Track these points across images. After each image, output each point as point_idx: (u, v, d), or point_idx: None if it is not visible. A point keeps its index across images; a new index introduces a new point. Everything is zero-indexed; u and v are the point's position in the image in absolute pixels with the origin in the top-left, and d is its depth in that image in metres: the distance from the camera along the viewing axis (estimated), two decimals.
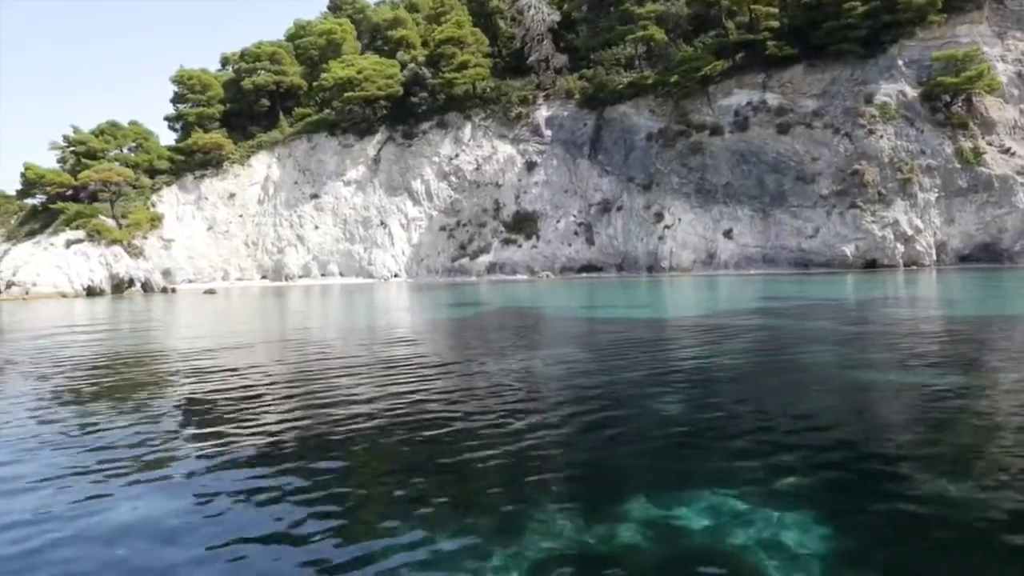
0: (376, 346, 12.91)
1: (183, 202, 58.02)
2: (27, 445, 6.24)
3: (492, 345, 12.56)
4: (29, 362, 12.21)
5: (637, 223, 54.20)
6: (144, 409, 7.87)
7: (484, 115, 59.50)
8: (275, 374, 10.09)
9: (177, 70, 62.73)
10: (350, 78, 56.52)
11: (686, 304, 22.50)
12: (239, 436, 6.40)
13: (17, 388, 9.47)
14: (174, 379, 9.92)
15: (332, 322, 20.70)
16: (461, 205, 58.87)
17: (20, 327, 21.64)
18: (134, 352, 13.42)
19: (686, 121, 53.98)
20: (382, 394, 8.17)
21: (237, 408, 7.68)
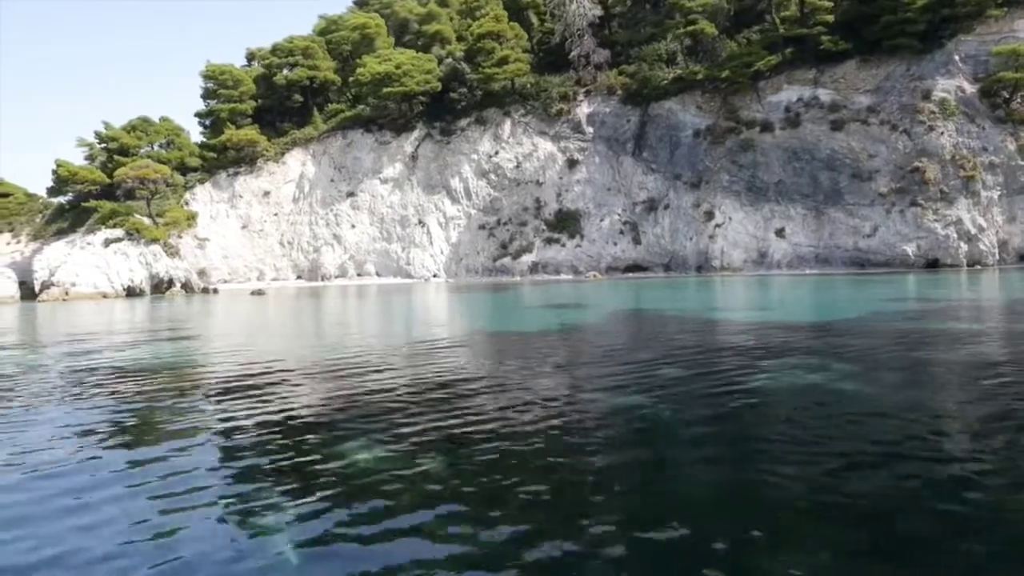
0: (547, 366, 11.40)
1: (217, 200, 56.56)
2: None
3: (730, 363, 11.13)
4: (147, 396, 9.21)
5: (685, 222, 53.02)
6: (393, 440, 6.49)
7: (524, 111, 58.21)
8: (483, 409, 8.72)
9: (206, 65, 61.25)
10: (388, 73, 55.16)
11: (806, 305, 21.26)
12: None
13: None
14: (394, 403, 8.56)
15: (438, 327, 19.33)
16: (501, 203, 57.58)
17: (79, 332, 20.22)
18: (285, 374, 12.05)
19: (735, 118, 52.82)
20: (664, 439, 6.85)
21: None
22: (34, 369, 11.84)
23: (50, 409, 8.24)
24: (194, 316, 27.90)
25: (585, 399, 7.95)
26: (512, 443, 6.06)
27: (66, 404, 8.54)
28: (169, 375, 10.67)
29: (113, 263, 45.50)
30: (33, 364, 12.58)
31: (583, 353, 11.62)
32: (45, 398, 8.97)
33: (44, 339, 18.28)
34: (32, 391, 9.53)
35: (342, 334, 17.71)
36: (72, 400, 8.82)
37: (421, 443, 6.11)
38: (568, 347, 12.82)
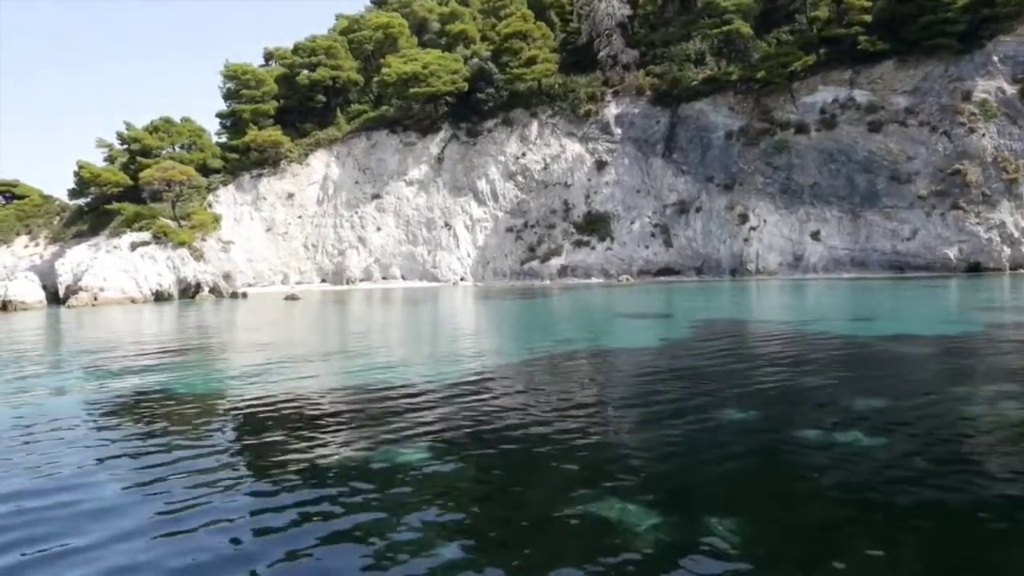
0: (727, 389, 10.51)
1: (240, 202, 55.56)
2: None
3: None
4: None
5: (718, 224, 52.27)
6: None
7: (551, 112, 57.37)
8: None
9: (227, 64, 60.20)
10: (415, 73, 54.23)
11: (911, 316, 20.43)
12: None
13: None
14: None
15: (534, 336, 18.42)
16: (528, 206, 56.74)
17: (146, 342, 19.27)
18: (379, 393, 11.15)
19: (769, 119, 52.10)
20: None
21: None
22: (133, 402, 10.93)
23: (211, 450, 7.34)
24: (247, 323, 26.98)
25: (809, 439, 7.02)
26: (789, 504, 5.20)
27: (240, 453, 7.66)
28: (321, 399, 9.79)
29: (141, 267, 44.50)
30: (125, 393, 11.67)
31: (748, 379, 10.75)
32: (192, 437, 8.08)
33: (113, 351, 17.32)
34: (148, 427, 8.65)
35: (451, 344, 16.83)
36: (239, 448, 7.95)
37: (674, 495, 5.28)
38: (718, 369, 11.95)
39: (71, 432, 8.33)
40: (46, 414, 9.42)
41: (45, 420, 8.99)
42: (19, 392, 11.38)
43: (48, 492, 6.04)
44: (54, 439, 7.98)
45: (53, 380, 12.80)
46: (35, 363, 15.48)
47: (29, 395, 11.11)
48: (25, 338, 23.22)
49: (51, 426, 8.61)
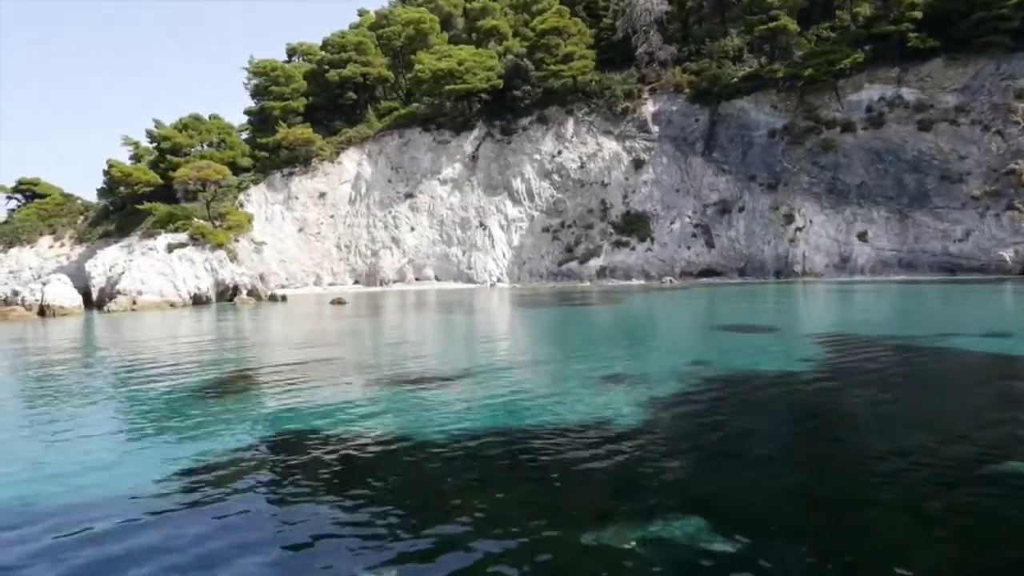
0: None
1: (272, 202, 54.33)
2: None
3: None
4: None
5: (762, 225, 51.28)
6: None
7: (587, 110, 56.26)
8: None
9: (256, 61, 58.98)
10: (450, 70, 53.04)
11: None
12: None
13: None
14: None
15: (645, 357, 17.32)
16: (564, 205, 55.68)
17: (209, 354, 18.12)
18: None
19: (814, 117, 51.11)
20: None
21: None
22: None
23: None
24: (316, 332, 25.84)
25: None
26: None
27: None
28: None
29: (179, 270, 43.30)
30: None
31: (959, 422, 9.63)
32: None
33: (209, 374, 16.19)
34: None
35: (585, 368, 15.72)
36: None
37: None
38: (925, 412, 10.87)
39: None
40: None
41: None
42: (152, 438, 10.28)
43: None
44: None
45: (185, 425, 11.69)
46: (142, 400, 14.35)
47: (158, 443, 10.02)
48: (92, 355, 22.09)
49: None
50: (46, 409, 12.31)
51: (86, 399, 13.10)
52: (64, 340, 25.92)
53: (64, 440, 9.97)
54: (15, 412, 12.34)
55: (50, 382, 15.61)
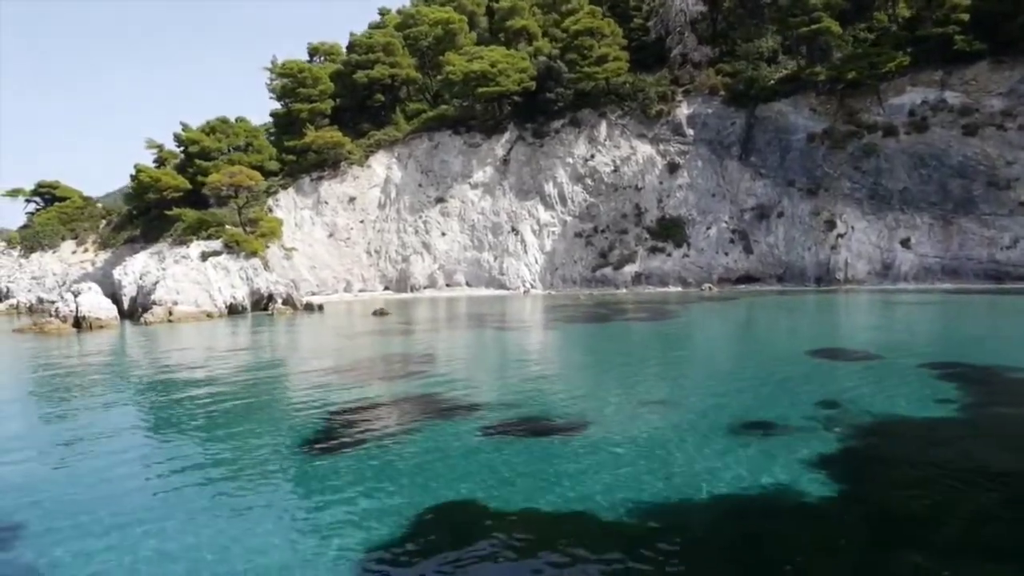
0: None
1: (301, 207, 53.27)
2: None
3: None
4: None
5: (802, 231, 50.43)
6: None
7: (620, 112, 55.26)
8: None
9: (282, 62, 57.85)
10: (483, 72, 51.98)
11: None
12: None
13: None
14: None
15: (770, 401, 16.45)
16: (598, 209, 54.73)
17: (303, 381, 17.16)
18: None
19: (855, 121, 50.22)
20: None
21: None
22: None
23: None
24: (379, 351, 24.88)
25: None
26: None
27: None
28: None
29: (214, 279, 42.26)
30: None
31: None
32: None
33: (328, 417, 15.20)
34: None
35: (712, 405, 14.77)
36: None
37: None
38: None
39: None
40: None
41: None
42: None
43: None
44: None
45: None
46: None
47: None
48: (165, 383, 21.12)
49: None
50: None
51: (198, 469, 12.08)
52: (118, 361, 24.86)
53: (221, 517, 8.99)
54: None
55: (149, 422, 14.61)
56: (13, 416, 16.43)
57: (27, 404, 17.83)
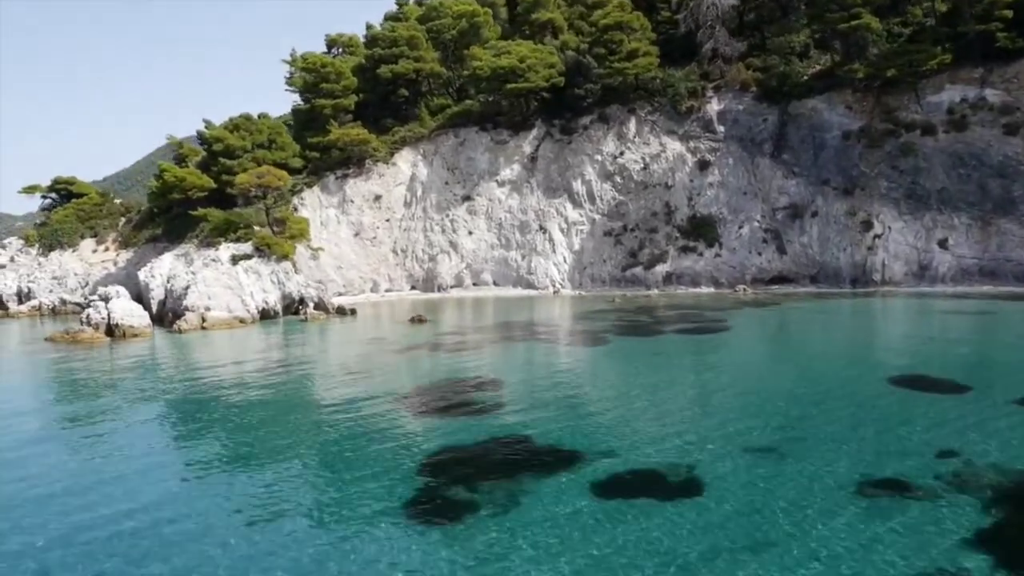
0: None
1: (326, 205, 52.31)
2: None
3: None
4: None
5: (837, 231, 49.67)
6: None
7: (650, 108, 54.26)
8: None
9: (303, 55, 56.62)
10: (511, 67, 50.90)
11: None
12: None
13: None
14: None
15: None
16: (627, 208, 53.88)
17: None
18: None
19: (892, 119, 49.31)
20: None
21: None
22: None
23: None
24: (434, 369, 24.17)
25: None
26: None
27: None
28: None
29: (245, 283, 41.44)
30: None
31: None
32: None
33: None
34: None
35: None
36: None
37: None
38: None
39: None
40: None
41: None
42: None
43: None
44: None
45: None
46: None
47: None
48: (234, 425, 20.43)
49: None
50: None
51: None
52: (169, 383, 24.02)
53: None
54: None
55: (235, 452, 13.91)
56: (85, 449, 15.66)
57: (104, 442, 17.02)
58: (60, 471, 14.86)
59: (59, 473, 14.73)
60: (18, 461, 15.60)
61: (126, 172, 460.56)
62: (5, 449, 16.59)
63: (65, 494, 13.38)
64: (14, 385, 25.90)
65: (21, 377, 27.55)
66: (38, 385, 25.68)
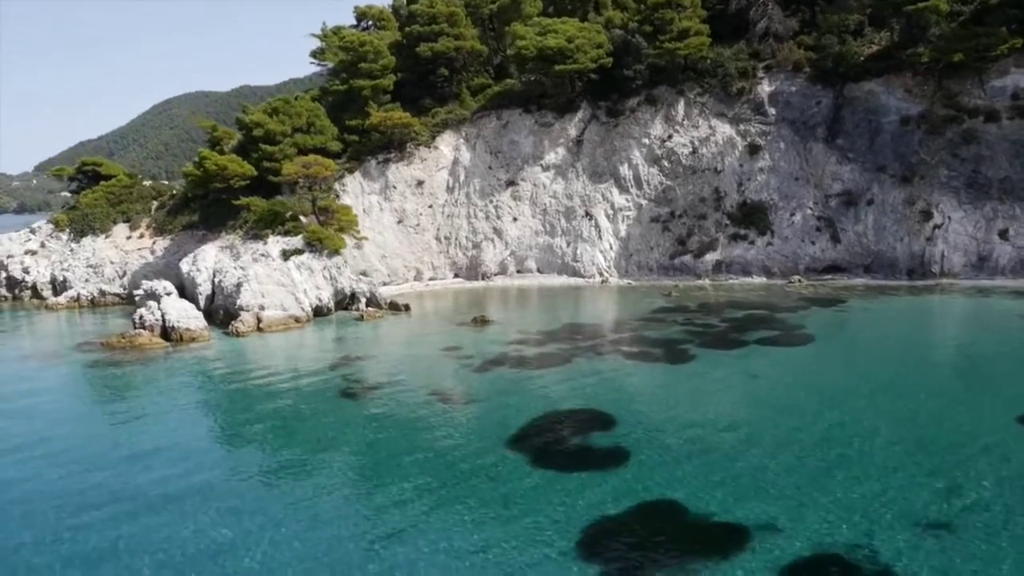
0: None
1: (368, 191, 50.78)
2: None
3: None
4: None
5: (894, 220, 48.57)
6: None
7: (699, 90, 52.51)
8: None
9: (340, 32, 54.51)
10: (560, 48, 49.00)
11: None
12: None
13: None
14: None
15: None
16: (674, 193, 52.55)
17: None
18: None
19: (954, 104, 47.84)
20: None
21: None
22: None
23: None
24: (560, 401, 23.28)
25: None
26: None
27: None
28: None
29: (298, 280, 40.28)
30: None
31: None
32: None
33: None
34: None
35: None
36: None
37: None
38: None
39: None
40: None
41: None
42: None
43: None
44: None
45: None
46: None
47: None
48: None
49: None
50: None
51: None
52: (261, 403, 22.94)
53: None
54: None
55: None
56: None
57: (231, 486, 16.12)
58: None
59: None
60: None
61: (121, 131, 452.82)
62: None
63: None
64: (115, 427, 22.91)
65: (113, 411, 24.61)
66: (149, 427, 22.70)
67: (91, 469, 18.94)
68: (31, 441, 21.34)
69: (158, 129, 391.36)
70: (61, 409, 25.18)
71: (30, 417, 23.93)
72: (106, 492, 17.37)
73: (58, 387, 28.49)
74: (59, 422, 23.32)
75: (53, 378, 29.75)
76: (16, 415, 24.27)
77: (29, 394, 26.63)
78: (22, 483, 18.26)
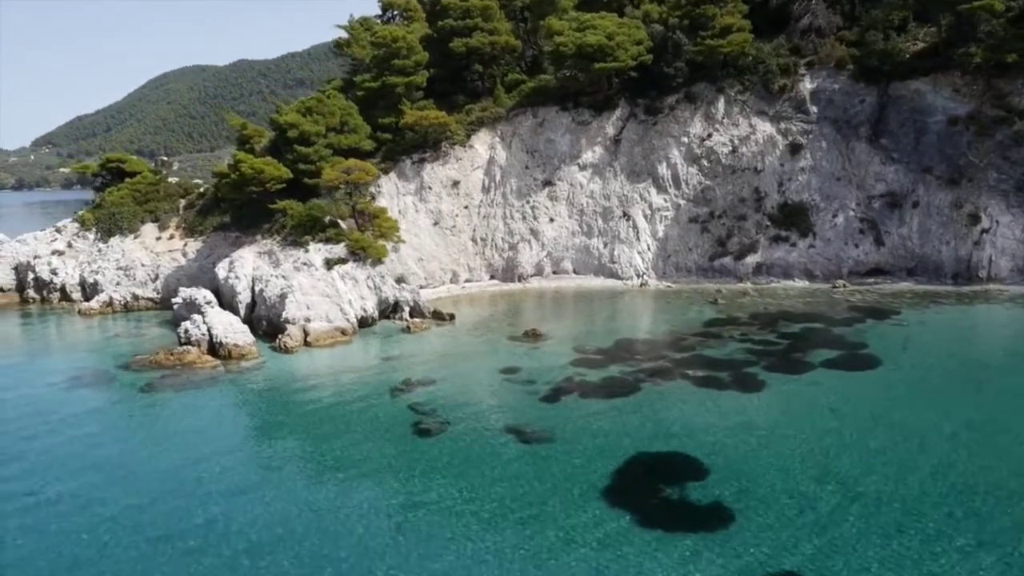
0: None
1: (403, 192, 49.80)
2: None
3: None
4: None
5: (940, 223, 47.86)
6: None
7: (740, 87, 51.36)
8: None
9: (360, 20, 53.62)
10: (600, 45, 47.79)
11: None
12: None
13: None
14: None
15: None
16: (713, 193, 51.69)
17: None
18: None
19: (1004, 105, 46.89)
20: None
21: None
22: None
23: None
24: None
25: None
26: None
27: None
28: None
29: (343, 291, 39.56)
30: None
31: None
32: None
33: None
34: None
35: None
36: None
37: None
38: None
39: None
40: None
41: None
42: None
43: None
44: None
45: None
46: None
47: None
48: None
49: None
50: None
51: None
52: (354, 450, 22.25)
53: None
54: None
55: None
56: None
57: None
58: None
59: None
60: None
61: (118, 105, 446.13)
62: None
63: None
64: (207, 497, 20.12)
65: (199, 475, 21.47)
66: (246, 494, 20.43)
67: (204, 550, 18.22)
68: (126, 509, 19.58)
69: (156, 104, 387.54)
70: (137, 460, 22.69)
71: (106, 470, 22.38)
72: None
73: (124, 426, 26.22)
74: (145, 477, 21.69)
75: (114, 412, 27.89)
76: (89, 470, 21.87)
77: (95, 443, 24.01)
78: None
